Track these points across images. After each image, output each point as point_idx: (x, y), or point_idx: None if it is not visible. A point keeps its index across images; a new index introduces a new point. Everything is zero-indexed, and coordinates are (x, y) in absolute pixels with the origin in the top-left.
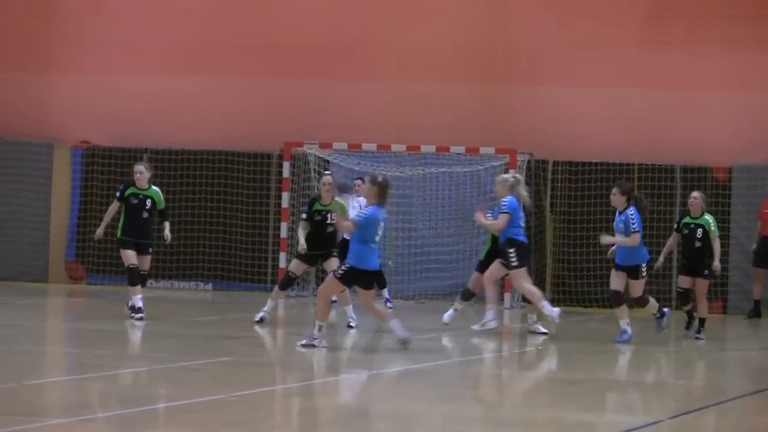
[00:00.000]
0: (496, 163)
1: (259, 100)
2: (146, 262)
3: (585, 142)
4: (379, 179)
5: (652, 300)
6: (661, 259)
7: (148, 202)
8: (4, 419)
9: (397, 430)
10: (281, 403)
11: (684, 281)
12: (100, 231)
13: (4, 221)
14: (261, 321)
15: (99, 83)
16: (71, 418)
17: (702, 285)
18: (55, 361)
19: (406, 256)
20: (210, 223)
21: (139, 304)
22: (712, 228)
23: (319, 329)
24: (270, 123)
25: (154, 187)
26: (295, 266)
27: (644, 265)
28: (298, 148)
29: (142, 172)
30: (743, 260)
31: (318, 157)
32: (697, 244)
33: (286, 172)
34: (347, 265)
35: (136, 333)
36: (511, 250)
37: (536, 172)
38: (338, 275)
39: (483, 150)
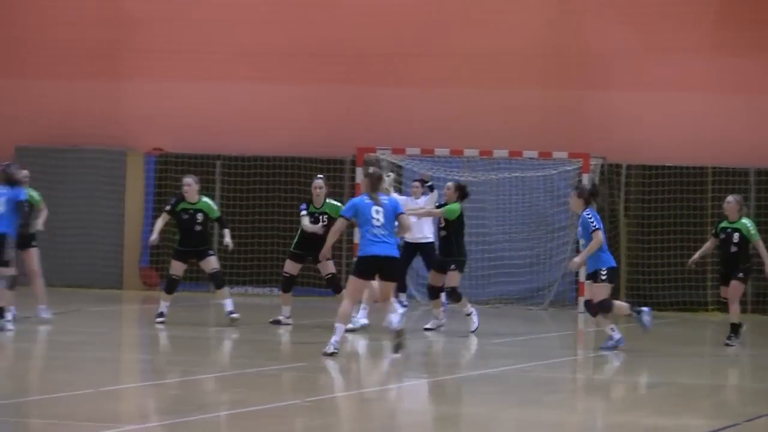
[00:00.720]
0: (569, 168)
1: (332, 106)
2: (210, 262)
3: (658, 145)
4: (370, 171)
5: (619, 303)
6: (696, 256)
7: (199, 216)
8: (81, 426)
9: None
10: (354, 409)
11: (724, 291)
12: (154, 237)
13: (79, 228)
14: (278, 323)
15: (172, 90)
16: (147, 423)
17: (735, 288)
18: (130, 367)
19: (479, 261)
20: (284, 228)
21: (165, 310)
22: (752, 232)
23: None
24: (343, 129)
25: (204, 199)
26: (290, 266)
27: (604, 269)
28: (371, 154)
29: (190, 184)
30: None
31: (391, 162)
32: (733, 248)
33: (359, 177)
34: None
35: (210, 339)
36: None
37: (609, 176)
38: (353, 272)
39: (556, 154)
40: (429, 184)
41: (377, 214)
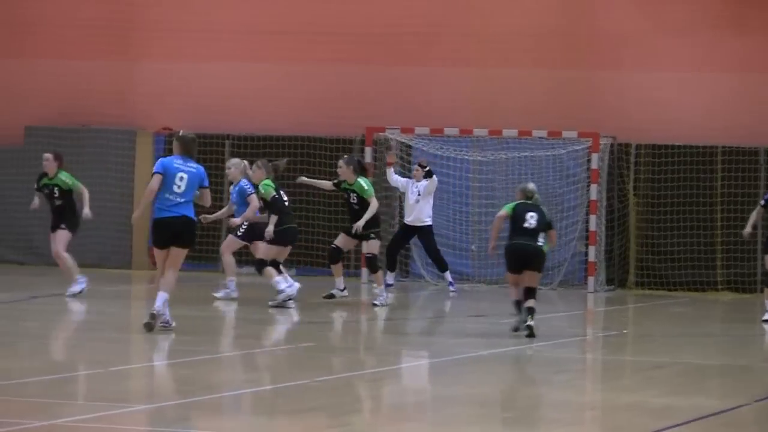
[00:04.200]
0: (578, 147)
1: (342, 85)
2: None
3: (668, 125)
4: (181, 133)
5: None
6: (748, 228)
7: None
8: (90, 405)
9: (483, 415)
10: (365, 389)
11: None
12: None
13: (89, 208)
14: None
15: (182, 70)
16: (157, 403)
17: None
18: (139, 347)
19: (489, 241)
20: (293, 208)
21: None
22: None
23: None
24: (352, 108)
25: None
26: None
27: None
28: (380, 134)
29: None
30: None
31: (400, 142)
32: None
33: (368, 156)
34: None
35: (219, 319)
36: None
37: (619, 155)
38: None
39: (565, 134)
40: (427, 168)
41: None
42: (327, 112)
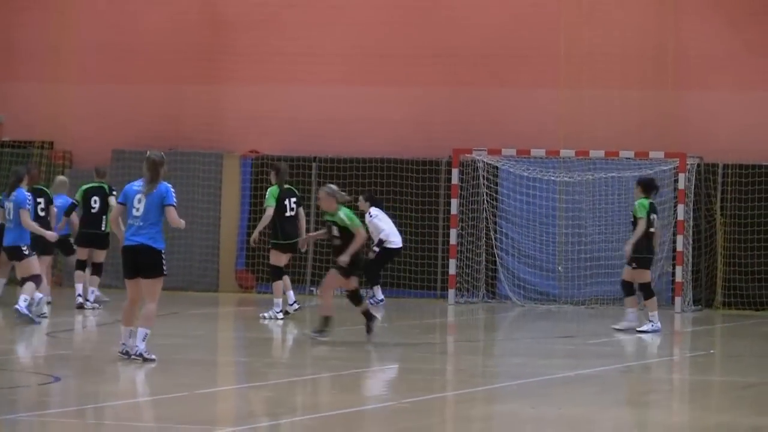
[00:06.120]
0: (665, 168)
1: (428, 107)
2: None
3: (756, 145)
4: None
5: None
6: None
7: None
8: (177, 428)
9: None
10: (453, 410)
11: None
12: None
13: (176, 231)
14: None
15: (269, 93)
16: (242, 426)
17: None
18: (226, 370)
19: (575, 261)
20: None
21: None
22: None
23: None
24: (439, 130)
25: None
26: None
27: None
28: (467, 155)
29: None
30: None
31: (486, 163)
32: None
33: (455, 178)
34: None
35: (305, 341)
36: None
37: (706, 175)
38: None
39: (652, 154)
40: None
41: (137, 203)
42: (414, 134)
